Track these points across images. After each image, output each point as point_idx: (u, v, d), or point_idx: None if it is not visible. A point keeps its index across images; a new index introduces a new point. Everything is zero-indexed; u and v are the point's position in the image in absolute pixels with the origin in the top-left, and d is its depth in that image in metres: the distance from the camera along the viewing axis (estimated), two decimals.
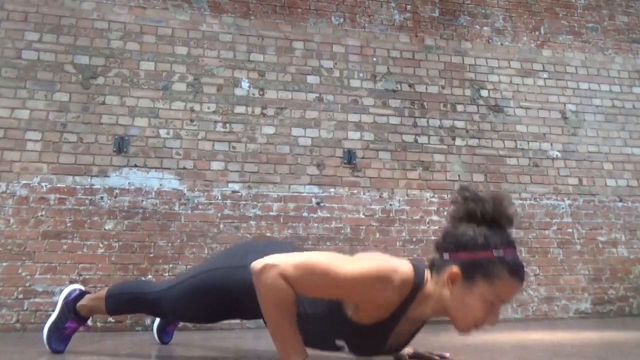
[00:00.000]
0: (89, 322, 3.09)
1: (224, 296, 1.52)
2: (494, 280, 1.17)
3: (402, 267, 1.23)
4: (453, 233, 1.24)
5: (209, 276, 1.56)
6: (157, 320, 2.26)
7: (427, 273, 1.28)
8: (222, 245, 3.51)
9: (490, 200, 1.23)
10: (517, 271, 1.18)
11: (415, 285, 1.23)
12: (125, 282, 1.87)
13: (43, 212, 3.33)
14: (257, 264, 1.20)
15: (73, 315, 1.87)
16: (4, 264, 3.19)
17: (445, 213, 3.97)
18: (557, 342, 2.08)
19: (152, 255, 3.37)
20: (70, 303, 1.89)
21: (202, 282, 1.56)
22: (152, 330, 2.30)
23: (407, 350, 1.55)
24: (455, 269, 1.20)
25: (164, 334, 2.26)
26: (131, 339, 2.56)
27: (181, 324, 3.17)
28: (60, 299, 1.90)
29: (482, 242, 1.19)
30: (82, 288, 1.95)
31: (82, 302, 1.89)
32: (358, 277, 1.16)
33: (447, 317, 1.26)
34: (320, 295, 1.25)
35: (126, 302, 1.79)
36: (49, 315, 1.93)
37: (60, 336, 1.85)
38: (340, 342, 1.30)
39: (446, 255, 1.23)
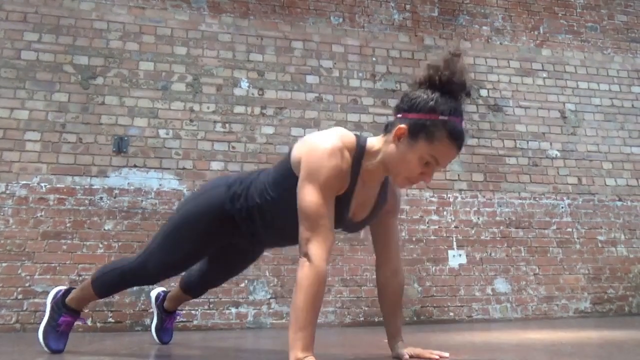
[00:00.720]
0: (89, 322, 3.10)
1: (201, 221, 1.61)
2: (434, 142, 1.31)
3: (339, 134, 1.39)
4: (409, 95, 1.36)
5: (180, 214, 1.67)
6: (155, 320, 2.26)
7: (376, 137, 1.45)
8: None
9: (447, 68, 1.32)
10: (456, 137, 1.32)
11: (359, 144, 1.40)
12: (106, 264, 1.88)
13: (42, 213, 3.33)
14: (301, 259, 1.31)
15: (65, 310, 1.88)
16: (4, 264, 3.19)
17: (445, 213, 3.98)
18: (557, 342, 2.08)
19: None
20: (59, 300, 1.90)
21: (176, 221, 1.67)
22: (151, 330, 2.30)
23: (407, 350, 1.55)
24: (403, 126, 1.33)
25: (163, 332, 2.26)
26: (131, 339, 2.56)
27: (180, 323, 3.18)
28: (48, 302, 1.91)
29: (431, 106, 1.31)
30: (66, 287, 1.96)
31: (70, 296, 1.90)
32: (322, 179, 1.30)
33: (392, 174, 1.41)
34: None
35: (112, 279, 1.80)
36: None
37: (56, 334, 1.86)
38: None
39: (399, 115, 1.37)
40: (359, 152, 1.40)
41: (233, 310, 3.42)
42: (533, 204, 4.17)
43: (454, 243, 3.92)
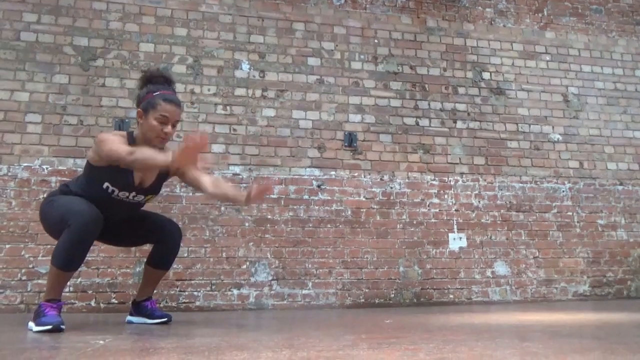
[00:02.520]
0: (92, 304, 3.13)
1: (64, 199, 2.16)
2: (156, 106, 2.13)
3: (117, 132, 2.26)
4: (137, 94, 2.26)
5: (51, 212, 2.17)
6: (146, 321, 2.33)
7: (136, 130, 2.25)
8: (223, 228, 3.53)
9: (147, 71, 2.29)
10: (167, 99, 2.15)
11: (129, 134, 2.23)
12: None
13: (44, 195, 3.34)
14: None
15: (45, 302, 1.99)
16: (7, 245, 3.21)
17: (445, 196, 3.99)
18: (555, 323, 2.10)
19: None
20: (37, 306, 2.02)
21: (54, 212, 2.14)
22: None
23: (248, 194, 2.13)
24: (139, 110, 2.17)
25: (157, 317, 2.31)
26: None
27: (182, 304, 3.21)
28: (30, 323, 1.98)
29: (146, 90, 2.19)
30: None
31: (44, 293, 2.04)
32: (108, 138, 2.09)
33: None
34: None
35: (63, 246, 1.96)
36: None
37: (45, 316, 1.91)
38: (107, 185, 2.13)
39: (138, 109, 2.19)
40: (130, 139, 2.18)
41: (235, 291, 3.45)
42: (534, 187, 4.18)
43: (455, 226, 3.93)
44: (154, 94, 2.14)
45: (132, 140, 2.17)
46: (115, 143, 2.00)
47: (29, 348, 1.48)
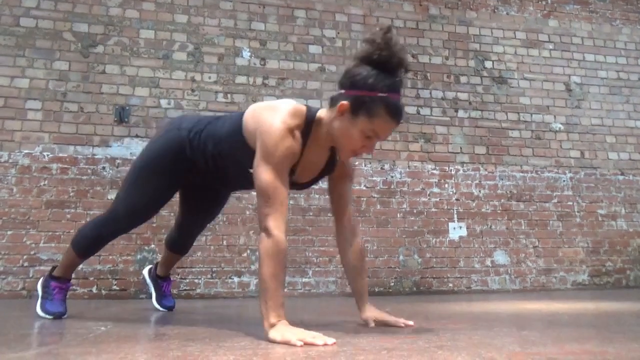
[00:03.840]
0: (94, 290, 3.16)
1: (162, 163, 1.72)
2: (373, 117, 1.37)
3: (291, 109, 1.45)
4: (351, 72, 1.42)
5: (141, 158, 1.78)
6: (153, 293, 2.33)
7: (324, 110, 1.51)
8: (223, 216, 3.54)
9: (384, 47, 1.37)
10: (394, 113, 1.38)
11: (309, 116, 1.47)
12: (81, 226, 1.95)
13: (46, 182, 3.34)
14: (261, 234, 1.37)
15: (53, 279, 1.96)
16: (9, 232, 3.23)
17: (446, 185, 3.99)
18: (554, 312, 2.11)
19: (154, 225, 3.39)
20: (47, 275, 1.99)
21: (138, 166, 1.77)
22: (153, 302, 2.35)
23: (373, 314, 1.61)
24: (345, 102, 1.39)
25: (165, 299, 2.33)
26: (135, 306, 2.61)
27: (183, 291, 3.24)
28: (39, 285, 1.99)
29: (370, 83, 1.37)
30: (51, 267, 2.05)
31: (56, 268, 1.99)
32: (277, 161, 1.38)
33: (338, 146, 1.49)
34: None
35: (89, 235, 1.87)
36: None
37: (52, 301, 1.92)
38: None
39: (342, 91, 1.43)
40: (309, 124, 1.48)
41: (235, 279, 3.47)
42: (535, 177, 4.17)
43: (455, 215, 3.94)
44: (382, 94, 1.37)
45: (308, 127, 1.48)
46: (271, 176, 1.37)
47: (32, 334, 1.49)
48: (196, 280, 3.41)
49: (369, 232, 3.75)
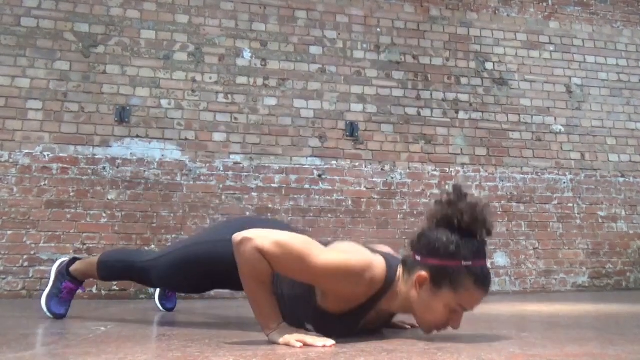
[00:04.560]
0: (94, 290, 3.16)
1: (208, 268, 1.60)
2: (459, 289, 1.21)
3: (376, 263, 1.26)
4: (428, 237, 1.27)
5: (195, 249, 1.64)
6: (157, 290, 2.31)
7: (400, 270, 1.31)
8: (224, 217, 3.53)
9: (469, 210, 1.24)
10: (482, 282, 1.23)
11: (386, 284, 1.27)
12: (117, 250, 1.94)
13: (46, 182, 3.35)
14: (237, 236, 1.24)
15: (68, 278, 1.93)
16: (9, 232, 3.23)
17: (447, 187, 3.98)
18: (554, 314, 2.11)
19: (154, 225, 3.40)
20: (64, 269, 1.95)
21: (188, 254, 1.65)
22: (154, 298, 2.34)
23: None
24: (424, 273, 1.24)
25: (166, 300, 2.32)
26: (136, 306, 2.61)
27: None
28: (53, 270, 1.97)
29: (452, 251, 1.21)
30: (72, 257, 2.02)
31: (75, 266, 1.95)
32: (331, 267, 1.20)
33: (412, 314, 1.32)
34: (292, 276, 1.29)
35: (117, 270, 1.87)
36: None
37: (58, 300, 1.91)
38: (309, 326, 1.32)
39: (418, 257, 1.27)
40: (386, 286, 1.28)
41: None
42: (535, 179, 4.17)
43: None
44: (467, 263, 1.22)
45: (383, 291, 1.29)
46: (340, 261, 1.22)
47: (32, 334, 1.49)
48: None
49: (369, 233, 3.75)
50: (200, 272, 1.63)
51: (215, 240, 1.61)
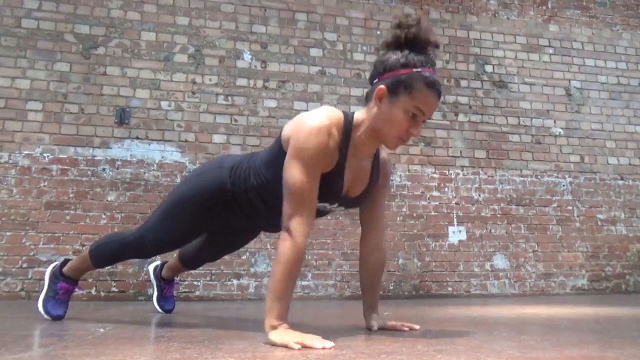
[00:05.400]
0: (92, 292, 3.16)
1: (197, 201, 1.63)
2: (414, 93, 1.34)
3: (332, 111, 1.42)
4: (381, 60, 1.41)
5: (179, 192, 1.70)
6: (155, 291, 2.31)
7: (360, 110, 1.46)
8: None
9: (415, 26, 1.38)
10: (433, 85, 1.36)
11: (347, 120, 1.42)
12: (106, 235, 1.91)
13: (45, 183, 3.35)
14: (282, 233, 1.33)
15: (62, 278, 1.93)
16: (8, 233, 3.22)
17: (446, 189, 3.99)
18: (553, 317, 2.11)
19: None
20: (57, 270, 1.95)
21: (174, 198, 1.69)
22: (152, 299, 2.34)
23: (380, 323, 1.60)
24: (382, 86, 1.37)
25: (165, 301, 2.31)
26: (134, 307, 2.61)
27: (182, 293, 3.23)
28: (46, 275, 1.97)
29: (403, 62, 1.36)
30: (63, 259, 2.01)
31: (68, 265, 1.95)
32: (307, 157, 1.32)
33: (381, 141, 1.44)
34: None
35: (110, 251, 1.84)
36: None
37: (55, 301, 1.90)
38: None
39: (375, 81, 1.41)
40: (347, 127, 1.42)
41: (235, 281, 3.47)
42: (534, 181, 4.17)
43: (455, 219, 3.94)
44: (417, 69, 1.35)
45: (347, 129, 1.43)
46: (306, 184, 1.33)
47: (30, 335, 1.49)
48: (195, 283, 3.40)
49: None
50: (191, 210, 1.64)
51: (196, 175, 1.70)
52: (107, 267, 2.51)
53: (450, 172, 4.03)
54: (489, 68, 4.32)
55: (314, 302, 3.32)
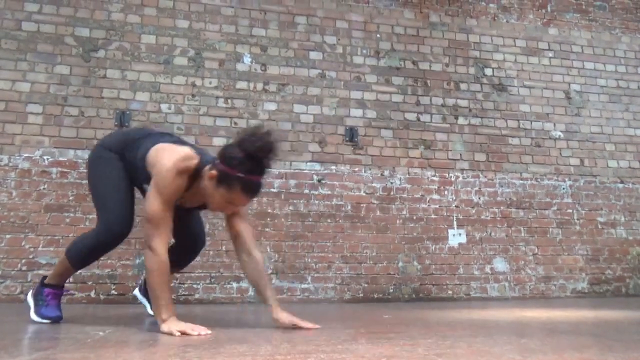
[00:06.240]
0: (92, 295, 3.15)
1: (111, 173, 1.94)
2: (231, 191, 1.68)
3: (187, 156, 1.74)
4: (227, 148, 1.71)
5: (90, 179, 1.98)
6: (147, 307, 2.33)
7: (208, 167, 1.75)
8: (222, 220, 3.53)
9: (260, 142, 1.66)
10: (247, 191, 1.68)
11: (200, 164, 1.75)
12: (77, 237, 1.96)
13: (45, 186, 3.34)
14: (146, 251, 1.66)
15: (46, 286, 1.96)
16: (7, 236, 3.22)
17: (446, 192, 3.99)
18: (554, 320, 2.11)
19: None
20: (38, 285, 2.00)
21: (92, 185, 1.97)
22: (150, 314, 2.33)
23: (283, 316, 1.75)
24: (214, 172, 1.68)
25: (146, 293, 2.35)
26: (134, 310, 2.61)
27: (182, 296, 3.22)
28: (29, 297, 2.00)
29: (233, 164, 1.65)
30: (42, 276, 2.05)
31: (49, 276, 2.00)
32: (166, 194, 1.68)
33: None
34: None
35: (85, 247, 1.90)
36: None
37: (47, 306, 1.92)
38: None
39: (217, 161, 1.71)
40: (196, 173, 1.75)
41: (234, 284, 3.46)
42: (534, 184, 4.18)
43: (454, 222, 3.94)
44: (240, 175, 1.64)
45: (196, 175, 1.76)
46: (165, 207, 1.68)
47: (30, 338, 1.48)
48: (195, 286, 3.40)
49: (368, 238, 3.74)
50: (107, 172, 1.93)
51: (94, 161, 1.98)
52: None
53: (450, 175, 4.03)
54: (488, 71, 4.33)
55: (313, 305, 3.32)
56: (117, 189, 1.94)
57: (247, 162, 1.65)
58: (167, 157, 1.71)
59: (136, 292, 2.47)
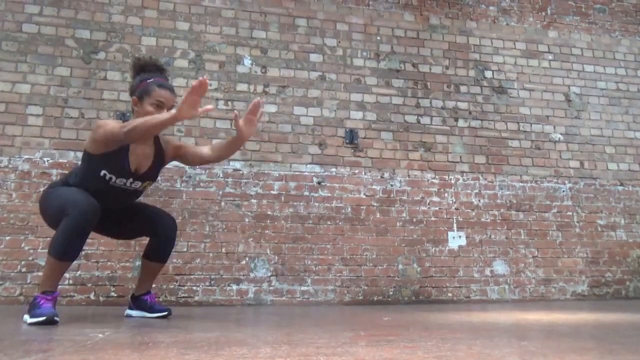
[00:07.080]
0: (92, 297, 3.14)
1: (63, 198, 2.08)
2: (152, 95, 2.14)
3: (116, 121, 2.13)
4: (131, 84, 2.25)
5: (47, 208, 2.17)
6: (144, 314, 2.34)
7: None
8: (223, 223, 3.53)
9: (140, 67, 2.27)
10: (162, 85, 2.18)
11: (123, 115, 2.45)
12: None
13: (45, 187, 3.34)
14: (125, 138, 2.02)
15: (39, 295, 1.97)
16: (7, 237, 3.22)
17: (446, 194, 3.99)
18: (554, 323, 2.11)
19: None
20: (32, 299, 2.00)
21: (51, 207, 2.13)
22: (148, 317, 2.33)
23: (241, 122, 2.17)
24: (134, 98, 2.18)
25: (153, 309, 2.32)
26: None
27: (181, 298, 3.21)
28: (26, 315, 1.97)
29: (139, 82, 2.18)
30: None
31: (39, 285, 2.03)
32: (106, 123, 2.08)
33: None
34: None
35: (60, 235, 1.95)
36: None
37: (41, 308, 1.90)
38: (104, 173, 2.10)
39: (133, 97, 2.19)
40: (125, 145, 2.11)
41: (234, 287, 3.46)
42: (534, 187, 4.18)
43: (454, 225, 3.94)
44: (148, 81, 2.16)
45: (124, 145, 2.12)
46: (110, 124, 2.03)
47: (29, 340, 1.48)
48: (194, 288, 3.39)
49: (368, 240, 3.74)
50: (63, 191, 2.12)
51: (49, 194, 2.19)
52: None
53: (450, 177, 4.03)
54: (488, 74, 4.33)
55: (313, 307, 3.31)
56: (76, 191, 2.08)
57: (145, 74, 2.20)
58: (98, 121, 2.10)
59: (128, 312, 2.42)
